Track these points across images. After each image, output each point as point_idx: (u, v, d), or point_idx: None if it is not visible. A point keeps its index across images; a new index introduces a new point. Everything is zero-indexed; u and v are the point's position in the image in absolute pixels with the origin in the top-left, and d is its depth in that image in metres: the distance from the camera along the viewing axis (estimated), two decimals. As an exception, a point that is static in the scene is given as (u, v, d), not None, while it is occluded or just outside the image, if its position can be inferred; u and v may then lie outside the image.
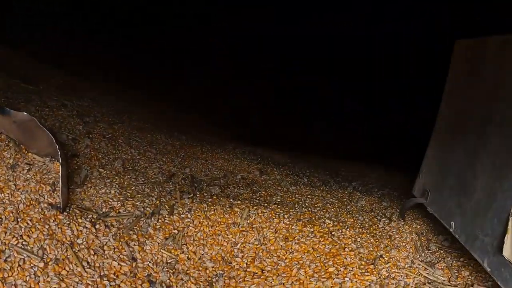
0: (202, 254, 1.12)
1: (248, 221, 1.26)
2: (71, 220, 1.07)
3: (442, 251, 1.28)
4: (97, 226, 1.09)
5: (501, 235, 1.01)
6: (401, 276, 1.13)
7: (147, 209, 1.23)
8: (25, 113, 1.26)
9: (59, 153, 1.18)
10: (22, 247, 0.93)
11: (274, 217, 1.28)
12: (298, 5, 5.20)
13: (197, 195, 1.40)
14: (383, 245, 1.27)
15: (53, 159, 1.23)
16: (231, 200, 1.38)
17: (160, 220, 1.19)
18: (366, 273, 1.10)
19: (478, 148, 1.17)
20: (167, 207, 1.27)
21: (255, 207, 1.32)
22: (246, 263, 1.11)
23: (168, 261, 1.07)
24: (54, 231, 1.02)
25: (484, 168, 1.14)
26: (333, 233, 1.25)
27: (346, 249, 1.18)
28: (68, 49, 3.57)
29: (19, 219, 1.00)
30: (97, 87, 2.64)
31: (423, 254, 1.26)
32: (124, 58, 4.29)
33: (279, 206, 1.36)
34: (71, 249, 0.98)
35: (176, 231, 1.17)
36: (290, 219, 1.29)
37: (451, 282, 1.12)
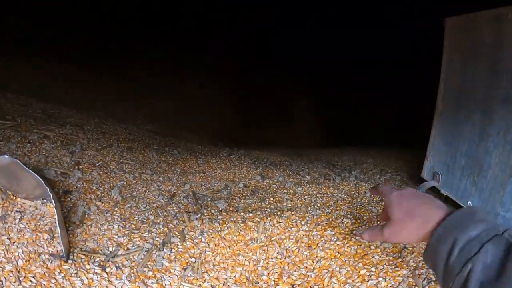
0: (226, 279, 1.05)
1: (266, 235, 1.20)
2: (78, 268, 0.97)
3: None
4: (107, 270, 1.00)
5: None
6: (429, 264, 1.10)
7: (157, 239, 1.15)
8: (5, 155, 1.14)
9: (50, 195, 1.08)
10: (32, 311, 0.84)
11: (291, 226, 1.23)
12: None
13: (205, 214, 1.32)
14: (404, 235, 1.24)
15: (45, 200, 1.12)
16: (242, 213, 1.31)
17: (173, 250, 1.11)
18: (396, 269, 1.06)
19: (485, 125, 1.15)
20: (177, 233, 1.19)
21: (269, 218, 1.26)
22: (274, 280, 1.05)
23: (192, 294, 0.99)
24: (62, 284, 0.92)
25: (496, 144, 1.12)
26: (354, 231, 1.21)
27: (372, 247, 1.13)
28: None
29: (21, 279, 0.90)
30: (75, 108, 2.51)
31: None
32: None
33: (293, 213, 1.30)
34: (87, 302, 0.89)
35: (193, 259, 1.09)
36: (308, 225, 1.23)
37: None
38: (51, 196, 1.08)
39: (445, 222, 0.69)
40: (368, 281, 1.00)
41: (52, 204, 1.07)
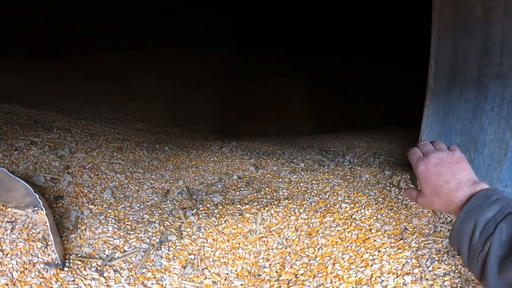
0: (227, 274, 1.03)
1: (264, 225, 1.18)
2: (75, 275, 0.94)
3: (459, 209, 1.26)
4: (105, 274, 0.97)
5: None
6: (430, 243, 1.09)
7: (153, 238, 1.12)
8: (-9, 165, 1.09)
9: (40, 202, 1.04)
10: (30, 322, 0.80)
11: (290, 215, 1.21)
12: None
13: (200, 209, 1.30)
14: (403, 216, 1.23)
15: (36, 208, 1.08)
16: (238, 206, 1.29)
17: (171, 248, 1.08)
18: (399, 251, 1.05)
19: (479, 101, 1.14)
20: (173, 230, 1.16)
21: (266, 208, 1.24)
22: (276, 271, 1.03)
23: (194, 292, 0.97)
24: (60, 293, 0.89)
25: (490, 120, 1.11)
26: (353, 216, 1.19)
27: (373, 231, 1.12)
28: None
29: (16, 290, 0.87)
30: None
31: (442, 216, 1.23)
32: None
33: (290, 201, 1.29)
34: (86, 308, 0.86)
35: (192, 256, 1.07)
36: (307, 212, 1.21)
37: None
38: (41, 203, 1.04)
39: (466, 207, 0.77)
40: (372, 265, 0.99)
41: (43, 211, 1.03)
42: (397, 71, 4.61)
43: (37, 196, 1.04)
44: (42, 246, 0.98)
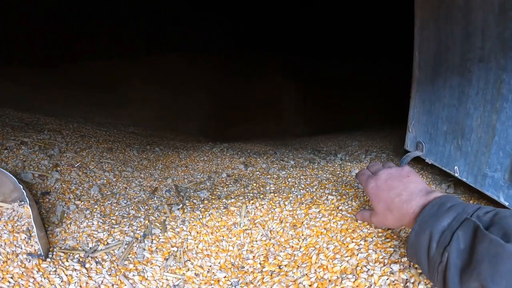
0: (210, 266, 1.01)
1: (249, 218, 1.16)
2: (57, 266, 0.93)
3: (449, 200, 1.24)
4: (87, 265, 0.95)
5: (511, 166, 0.98)
6: (419, 234, 1.07)
7: (137, 232, 1.11)
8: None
9: (25, 194, 1.03)
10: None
11: (275, 207, 1.19)
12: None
13: (187, 204, 1.28)
14: (392, 207, 1.21)
15: (22, 202, 1.07)
16: (224, 200, 1.27)
17: (155, 241, 1.07)
18: (387, 240, 1.02)
19: (464, 87, 1.14)
20: (158, 224, 1.15)
21: (251, 201, 1.23)
22: (260, 263, 1.02)
23: (176, 283, 0.95)
24: (40, 283, 0.88)
25: (476, 105, 1.10)
26: (340, 207, 1.18)
27: (359, 221, 1.10)
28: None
29: (-3, 280, 0.86)
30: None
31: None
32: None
33: (276, 195, 1.27)
34: (63, 299, 0.85)
35: (175, 248, 1.05)
36: (292, 204, 1.20)
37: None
38: (25, 193, 1.04)
39: (419, 218, 0.74)
40: (357, 255, 0.97)
41: (27, 202, 1.02)
42: (397, 71, 4.59)
43: (22, 187, 1.04)
44: (25, 238, 0.97)
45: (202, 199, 1.33)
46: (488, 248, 0.58)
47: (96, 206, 1.25)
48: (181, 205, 1.26)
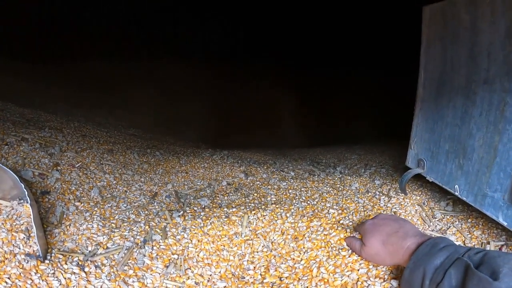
0: (210, 275, 1.01)
1: (250, 228, 1.16)
2: (55, 268, 0.92)
3: (448, 217, 1.25)
4: (86, 269, 0.94)
5: (511, 187, 0.99)
6: (418, 251, 1.08)
7: (138, 237, 1.10)
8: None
9: (26, 192, 1.02)
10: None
11: (276, 218, 1.19)
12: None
13: (187, 211, 1.28)
14: (392, 223, 1.22)
15: (22, 201, 1.06)
16: (225, 209, 1.27)
17: (155, 247, 1.06)
18: (386, 257, 1.03)
19: (467, 108, 1.15)
20: (158, 230, 1.14)
21: (253, 212, 1.23)
22: (261, 274, 1.01)
23: (176, 291, 0.95)
24: (38, 285, 0.86)
25: (479, 126, 1.11)
26: (341, 222, 1.18)
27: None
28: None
29: (-6, 281, 0.85)
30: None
31: (431, 224, 1.23)
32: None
33: (277, 206, 1.27)
34: (62, 303, 0.84)
35: (175, 256, 1.04)
36: (294, 216, 1.20)
37: (466, 245, 1.09)
38: (26, 193, 1.03)
39: (414, 256, 0.79)
40: (358, 270, 0.97)
41: (28, 202, 1.01)
42: (396, 81, 4.61)
43: (23, 185, 1.03)
44: (24, 237, 0.96)
45: (203, 206, 1.32)
46: (478, 285, 0.63)
47: (96, 209, 1.24)
48: (182, 212, 1.26)
